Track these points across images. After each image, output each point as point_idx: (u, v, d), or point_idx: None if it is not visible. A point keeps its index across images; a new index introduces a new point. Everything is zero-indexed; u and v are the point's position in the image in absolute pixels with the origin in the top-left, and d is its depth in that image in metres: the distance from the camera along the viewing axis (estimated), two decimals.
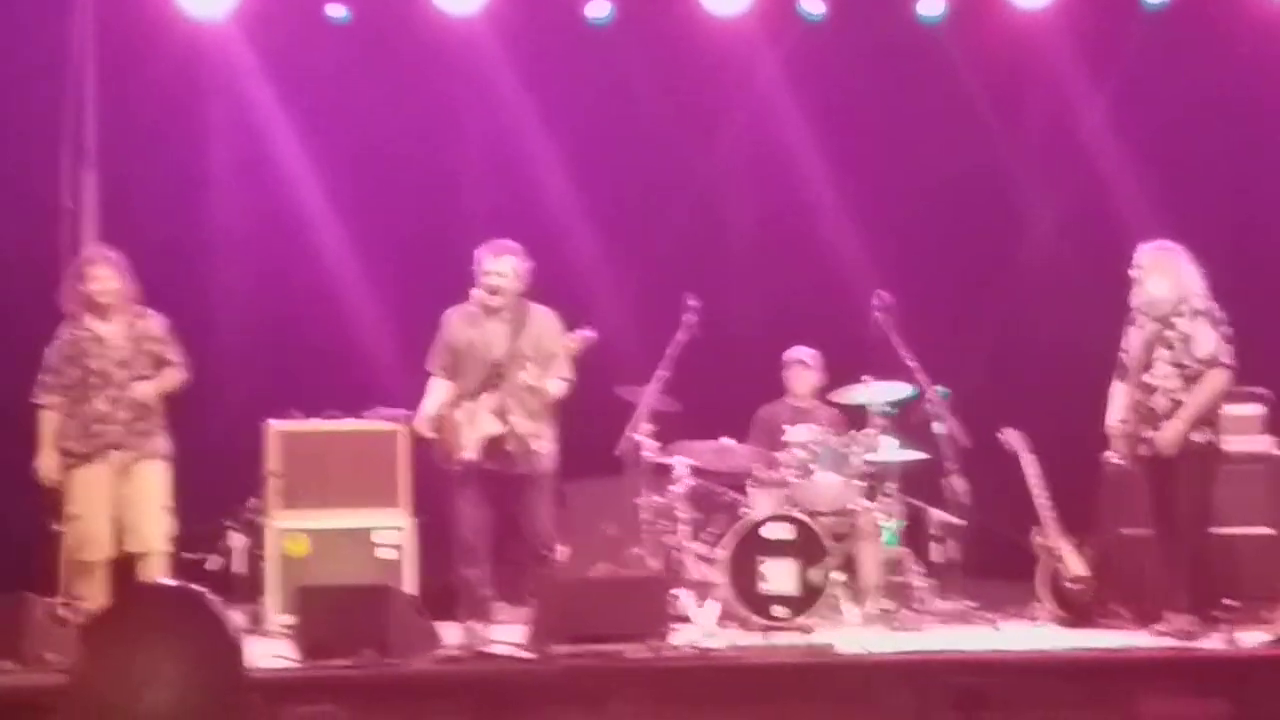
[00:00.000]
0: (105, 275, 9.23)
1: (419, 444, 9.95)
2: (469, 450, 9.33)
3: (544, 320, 9.53)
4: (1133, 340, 9.11)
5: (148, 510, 9.20)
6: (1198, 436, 8.91)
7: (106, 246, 9.41)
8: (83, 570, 9.16)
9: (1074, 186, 11.71)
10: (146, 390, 9.22)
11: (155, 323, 9.36)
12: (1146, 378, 8.98)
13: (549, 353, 9.35)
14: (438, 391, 9.58)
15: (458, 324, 9.56)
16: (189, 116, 11.27)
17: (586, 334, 9.28)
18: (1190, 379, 8.91)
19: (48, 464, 9.20)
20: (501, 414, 9.35)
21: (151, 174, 11.01)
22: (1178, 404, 8.90)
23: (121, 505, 9.17)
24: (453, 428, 9.43)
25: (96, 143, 11.00)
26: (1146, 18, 11.36)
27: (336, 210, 11.41)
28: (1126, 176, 11.61)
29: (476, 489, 9.42)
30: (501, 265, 9.45)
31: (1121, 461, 9.26)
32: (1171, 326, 8.97)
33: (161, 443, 9.29)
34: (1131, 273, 9.12)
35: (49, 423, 9.23)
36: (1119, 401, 9.18)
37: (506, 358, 9.36)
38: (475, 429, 9.35)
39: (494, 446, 9.36)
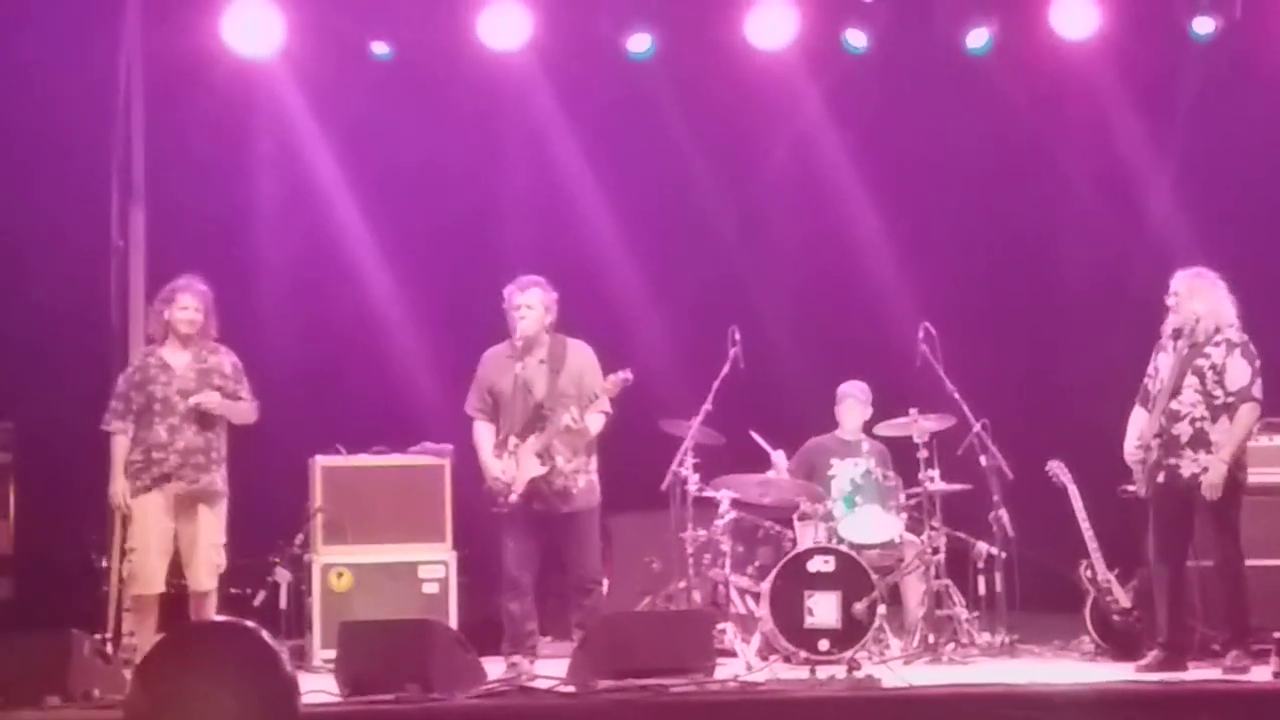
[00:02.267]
0: (191, 305, 9.27)
1: (464, 481, 10.00)
2: (515, 493, 9.35)
3: (582, 356, 9.51)
4: (1162, 366, 9.06)
5: (200, 547, 9.17)
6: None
7: (199, 279, 9.43)
8: (135, 605, 9.20)
9: (1121, 217, 11.68)
10: (210, 399, 9.17)
11: (226, 359, 9.37)
12: (1174, 404, 8.94)
13: (589, 389, 9.37)
14: (486, 435, 9.54)
15: (496, 365, 9.55)
16: (236, 153, 11.35)
17: (624, 376, 9.27)
18: (1217, 410, 8.87)
19: (119, 489, 9.17)
20: (546, 455, 9.35)
21: (199, 210, 11.09)
22: (1201, 433, 8.86)
23: (176, 541, 9.16)
24: (496, 484, 9.49)
25: (145, 180, 11.08)
26: (1194, 48, 11.28)
27: (382, 246, 11.48)
28: (1173, 207, 11.57)
29: (522, 526, 9.40)
30: (529, 298, 9.45)
31: (1135, 489, 9.20)
32: (1205, 355, 8.93)
33: (218, 480, 9.25)
34: (1168, 299, 9.07)
35: (119, 448, 9.20)
36: (1136, 428, 9.14)
37: (549, 399, 9.36)
38: (520, 471, 9.34)
39: (539, 487, 9.33)
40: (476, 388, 9.58)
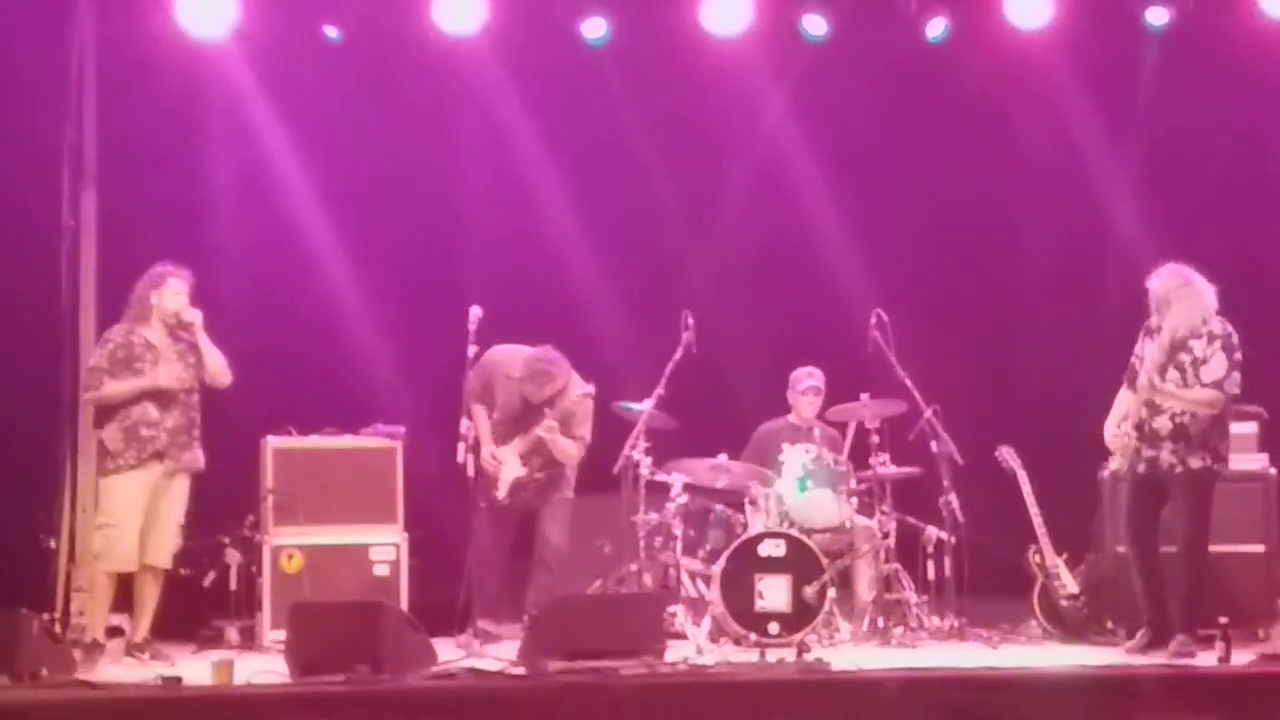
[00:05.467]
0: (183, 292, 9.37)
1: (416, 463, 10.07)
2: (502, 491, 9.80)
3: (578, 402, 9.91)
4: (1148, 352, 9.11)
5: (169, 525, 9.30)
6: (1195, 462, 8.95)
7: (183, 266, 9.47)
8: (96, 581, 9.19)
9: (1074, 207, 11.71)
10: (196, 315, 9.30)
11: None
12: (1155, 398, 9.00)
13: (567, 411, 9.77)
14: (484, 418, 9.96)
15: (500, 377, 9.94)
16: (189, 135, 11.26)
17: (587, 391, 9.72)
18: None
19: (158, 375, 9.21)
20: (528, 456, 9.81)
21: (151, 192, 10.99)
22: (1181, 427, 8.94)
23: (148, 518, 9.21)
24: (488, 468, 9.82)
25: (97, 161, 11.02)
26: (1149, 39, 11.33)
27: (335, 228, 11.41)
28: (1126, 197, 11.62)
29: (500, 519, 9.88)
30: (546, 391, 9.82)
31: (1116, 468, 9.27)
32: (1188, 349, 9.00)
33: (200, 457, 9.38)
34: (1148, 282, 9.13)
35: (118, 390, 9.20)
36: (1120, 409, 9.20)
37: (534, 412, 9.80)
38: (505, 472, 9.82)
39: (518, 488, 9.85)
40: (482, 381, 9.91)
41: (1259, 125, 11.51)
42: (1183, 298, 9.06)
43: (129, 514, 9.16)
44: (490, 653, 8.99)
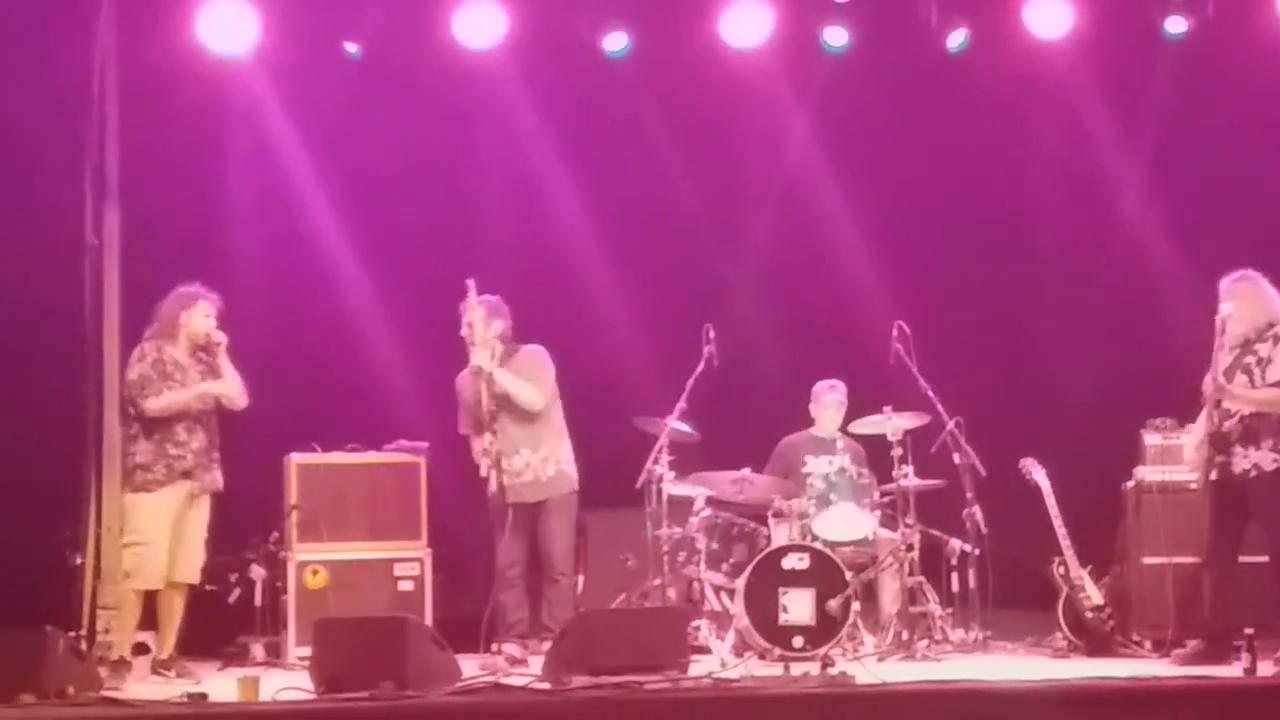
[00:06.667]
0: (213, 314, 9.44)
1: (440, 479, 10.09)
2: (493, 485, 9.52)
3: (531, 357, 9.82)
4: (1217, 367, 9.11)
5: (195, 542, 9.36)
6: (1269, 464, 8.93)
7: (207, 284, 9.55)
8: (124, 599, 9.23)
9: (1096, 216, 11.72)
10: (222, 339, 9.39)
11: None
12: (1225, 403, 8.99)
13: (523, 373, 9.70)
14: (476, 446, 9.82)
15: (465, 385, 9.82)
16: (211, 152, 11.32)
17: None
18: None
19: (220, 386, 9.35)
20: (509, 451, 9.60)
21: (174, 209, 11.06)
22: (1250, 429, 8.93)
23: (174, 535, 9.27)
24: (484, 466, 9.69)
25: (119, 178, 11.04)
26: (1167, 47, 11.33)
27: (357, 244, 11.46)
28: (1148, 205, 11.62)
29: (504, 522, 9.63)
30: (469, 318, 9.67)
31: (1195, 487, 9.23)
32: (1253, 352, 8.99)
33: (219, 477, 9.43)
34: (1220, 285, 9.13)
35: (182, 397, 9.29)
36: (1198, 432, 9.18)
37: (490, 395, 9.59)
38: (495, 467, 9.55)
39: (512, 482, 9.59)
40: (461, 408, 9.87)
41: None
42: (1246, 297, 9.06)
43: (158, 531, 9.22)
44: (516, 671, 8.99)
